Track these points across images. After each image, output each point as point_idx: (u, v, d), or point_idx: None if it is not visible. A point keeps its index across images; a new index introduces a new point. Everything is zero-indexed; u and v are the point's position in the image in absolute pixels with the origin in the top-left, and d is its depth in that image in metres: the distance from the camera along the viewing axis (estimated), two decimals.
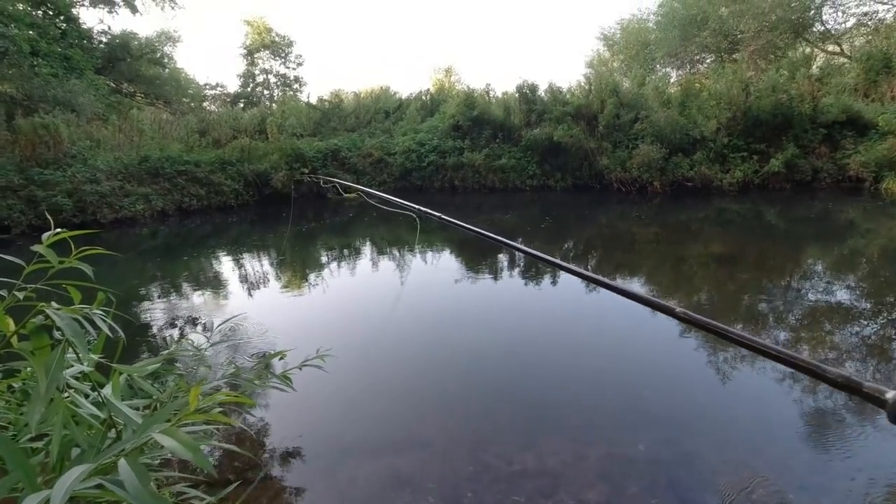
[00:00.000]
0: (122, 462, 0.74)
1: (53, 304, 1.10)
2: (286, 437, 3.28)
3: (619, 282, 7.32)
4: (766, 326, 5.16)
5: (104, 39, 22.49)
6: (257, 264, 9.18)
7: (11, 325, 1.16)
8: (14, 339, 1.23)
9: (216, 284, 7.82)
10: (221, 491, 1.91)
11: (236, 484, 2.57)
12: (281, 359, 1.88)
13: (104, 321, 1.20)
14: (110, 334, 1.19)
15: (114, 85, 22.59)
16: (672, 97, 16.65)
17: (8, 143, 13.18)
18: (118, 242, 11.64)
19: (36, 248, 1.35)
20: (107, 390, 1.30)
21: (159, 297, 7.30)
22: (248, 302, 6.76)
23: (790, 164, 14.37)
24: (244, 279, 8.12)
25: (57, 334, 1.19)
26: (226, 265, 9.32)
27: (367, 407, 3.60)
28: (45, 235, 1.38)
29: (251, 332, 5.52)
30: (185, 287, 7.70)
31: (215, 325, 1.88)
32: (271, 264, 9.22)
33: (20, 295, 1.19)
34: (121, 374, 1.33)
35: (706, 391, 3.73)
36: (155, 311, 6.65)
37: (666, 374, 3.97)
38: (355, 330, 5.33)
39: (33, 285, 1.33)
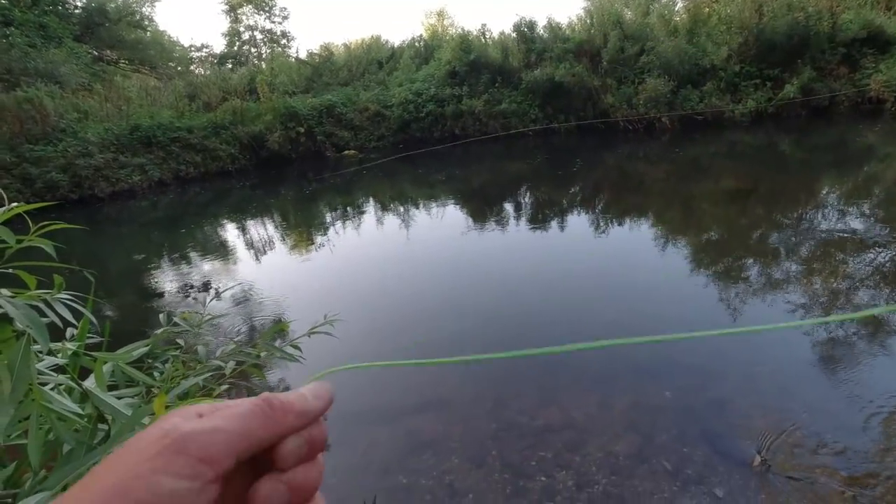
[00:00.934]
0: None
1: (4, 290, 0.92)
2: None
3: (625, 223, 7.15)
4: (778, 260, 4.98)
5: (80, 4, 21.48)
6: (261, 229, 9.03)
7: None
8: None
9: (221, 252, 7.71)
10: None
11: None
12: (282, 331, 1.73)
13: (66, 306, 1.03)
14: (66, 321, 1.03)
15: (95, 53, 21.75)
16: (679, 25, 15.73)
17: None
18: (119, 216, 11.50)
19: None
20: (90, 381, 1.16)
21: (164, 269, 7.22)
22: (253, 268, 6.66)
23: (806, 88, 13.68)
24: (249, 245, 8.00)
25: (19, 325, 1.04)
26: (230, 232, 9.19)
27: (381, 370, 3.53)
28: None
29: (257, 299, 5.44)
30: (190, 257, 7.60)
31: (207, 300, 1.72)
32: (275, 228, 9.07)
33: None
34: (105, 362, 1.19)
35: (729, 337, 3.60)
36: (160, 285, 6.58)
37: (687, 319, 3.84)
38: (363, 290, 5.22)
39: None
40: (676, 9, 17.35)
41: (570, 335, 3.75)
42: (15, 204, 1.24)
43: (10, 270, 1.13)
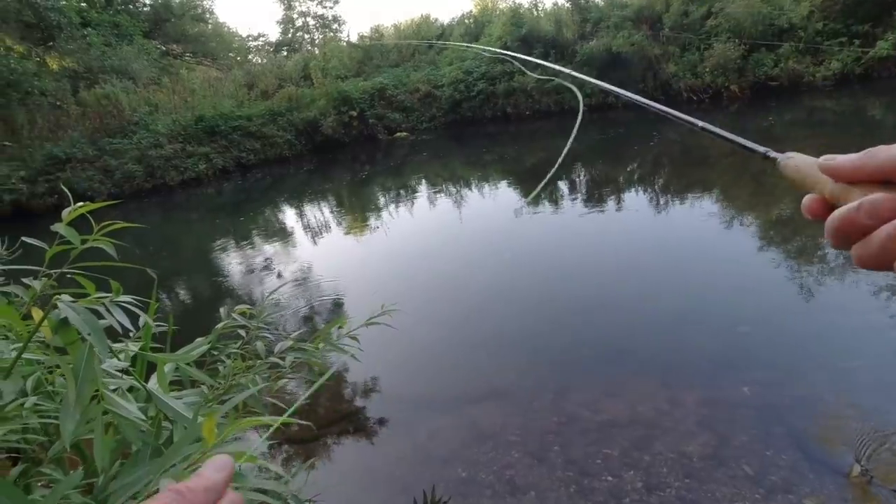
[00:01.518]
0: None
1: (65, 296, 0.92)
2: (360, 395, 3.26)
3: (689, 201, 6.68)
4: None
5: (148, 1, 22.58)
6: (318, 214, 9.24)
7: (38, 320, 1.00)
8: (48, 333, 1.08)
9: (280, 237, 7.96)
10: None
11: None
12: (340, 327, 1.70)
13: (125, 308, 1.02)
14: (120, 325, 1.01)
15: (163, 47, 22.89)
16: None
17: (78, 117, 13.82)
18: (188, 203, 12.15)
19: (56, 227, 1.17)
20: (153, 382, 1.16)
21: (230, 254, 7.55)
22: (311, 252, 6.83)
23: None
24: (306, 230, 8.20)
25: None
26: (288, 217, 9.47)
27: (440, 358, 3.50)
28: (65, 212, 1.20)
29: (315, 284, 5.56)
30: (253, 242, 7.90)
31: (265, 296, 1.72)
32: (331, 213, 9.25)
33: (37, 285, 1.02)
34: (166, 362, 1.19)
35: (814, 323, 3.27)
36: (227, 269, 6.88)
37: (764, 305, 3.52)
38: (421, 277, 5.20)
39: (59, 270, 1.17)
40: None
41: (638, 321, 3.56)
42: (80, 203, 1.25)
43: (71, 273, 1.14)
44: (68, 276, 1.14)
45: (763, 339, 3.10)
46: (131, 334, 1.43)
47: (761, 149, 0.55)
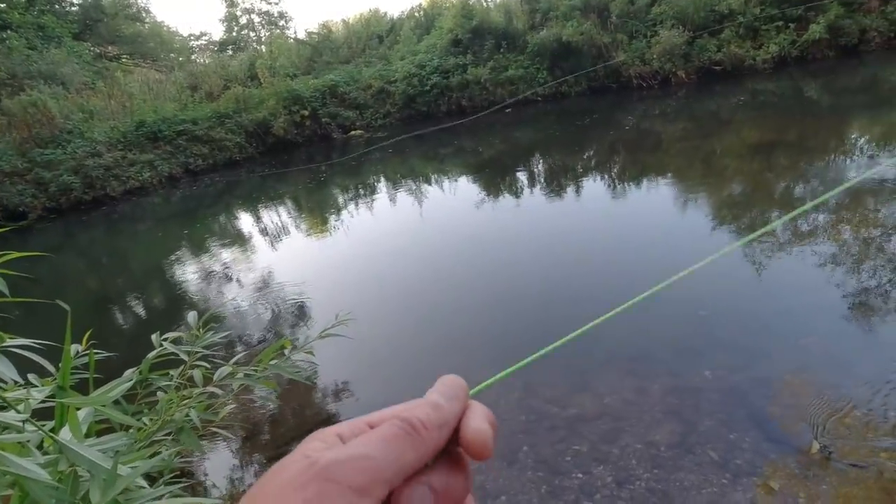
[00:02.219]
0: None
1: None
2: (322, 408, 3.13)
3: (643, 186, 6.83)
4: (803, 211, 4.67)
5: (76, 1, 21.27)
6: (273, 218, 8.94)
7: None
8: None
9: (239, 244, 7.64)
10: None
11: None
12: (283, 347, 1.57)
13: (3, 358, 0.88)
14: (8, 377, 0.88)
15: (96, 50, 21.63)
16: None
17: (3, 127, 12.87)
18: (134, 213, 11.53)
19: None
20: (65, 433, 1.02)
21: (184, 266, 7.19)
22: (273, 259, 6.58)
23: (834, 27, 12.81)
24: (261, 235, 7.91)
25: None
26: (242, 223, 9.12)
27: (396, 362, 3.40)
28: None
29: (278, 293, 5.35)
30: (210, 251, 7.56)
31: (197, 321, 1.57)
32: (287, 216, 8.96)
33: None
34: (79, 407, 1.05)
35: (771, 306, 3.35)
36: (182, 284, 6.55)
37: (723, 289, 3.58)
38: (382, 278, 5.08)
39: None
40: None
41: (597, 308, 3.56)
42: None
43: None
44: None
45: (721, 321, 3.16)
46: (45, 375, 1.27)
47: None
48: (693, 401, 2.45)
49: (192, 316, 1.60)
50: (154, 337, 1.55)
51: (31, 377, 1.26)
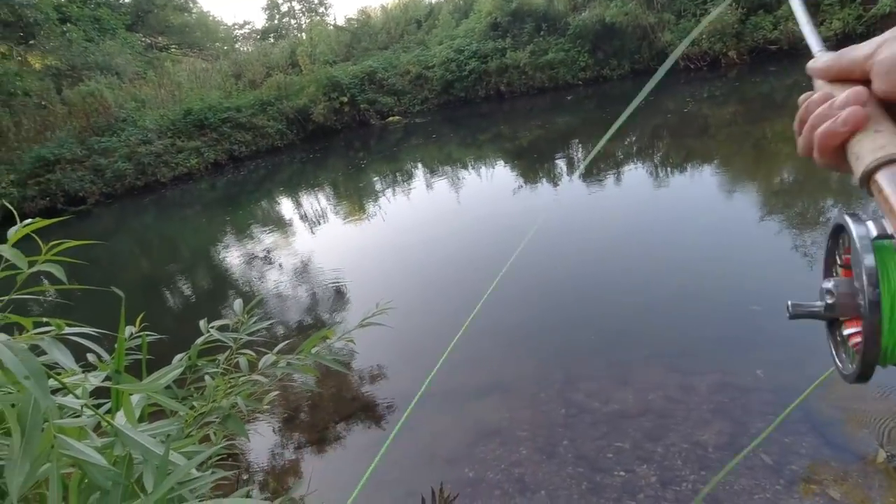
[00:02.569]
0: None
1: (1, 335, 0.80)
2: (362, 393, 3.17)
3: (691, 173, 6.53)
4: (862, 201, 4.35)
5: None
6: (313, 204, 9.10)
7: None
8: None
9: (280, 229, 7.83)
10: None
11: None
12: (326, 338, 1.58)
13: (60, 345, 0.90)
14: (66, 365, 0.90)
15: (147, 40, 22.44)
16: None
17: (64, 116, 13.58)
18: (182, 199, 11.99)
19: (0, 250, 1.05)
20: (120, 417, 1.05)
21: (228, 250, 7.43)
22: (313, 244, 6.71)
23: None
24: (306, 220, 8.07)
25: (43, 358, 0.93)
26: (284, 209, 9.33)
27: (431, 351, 3.40)
28: (10, 231, 1.07)
29: (318, 278, 5.46)
30: (253, 236, 7.78)
31: (242, 308, 1.59)
32: (326, 202, 9.10)
33: None
34: (132, 393, 1.07)
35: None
36: (227, 268, 6.78)
37: (776, 282, 3.39)
38: (421, 266, 5.08)
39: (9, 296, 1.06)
40: None
41: (645, 303, 3.45)
42: (29, 221, 1.12)
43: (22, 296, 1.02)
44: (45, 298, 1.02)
45: (775, 316, 2.99)
46: (102, 359, 1.32)
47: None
48: (743, 400, 2.34)
49: (237, 304, 1.63)
50: (202, 323, 1.59)
51: (90, 357, 1.32)
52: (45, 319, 1.03)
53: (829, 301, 0.35)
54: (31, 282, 1.08)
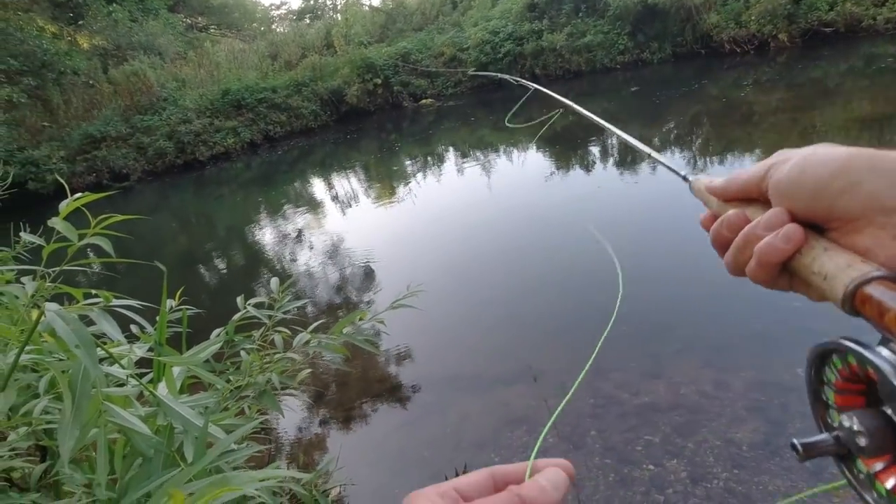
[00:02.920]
0: None
1: (52, 304, 0.83)
2: (391, 373, 3.21)
3: (731, 161, 6.27)
4: None
5: None
6: (345, 186, 9.18)
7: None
8: (49, 337, 1.01)
9: (313, 210, 7.95)
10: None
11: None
12: (361, 319, 1.60)
13: (108, 317, 0.93)
14: (113, 336, 0.92)
15: (188, 21, 22.88)
16: None
17: (110, 95, 14.04)
18: (219, 177, 12.29)
19: (52, 223, 1.09)
20: (162, 388, 1.08)
21: (262, 229, 7.60)
22: (339, 226, 6.80)
23: None
24: (333, 203, 8.17)
25: (93, 328, 0.96)
26: (316, 190, 9.46)
27: (470, 337, 3.41)
28: (62, 205, 1.11)
29: (349, 260, 5.53)
30: (286, 215, 7.93)
31: (278, 288, 1.62)
32: (358, 185, 9.17)
33: (30, 288, 0.94)
34: (173, 366, 1.11)
35: None
36: (260, 246, 6.94)
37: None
38: (453, 252, 5.08)
39: (55, 269, 1.10)
40: None
41: (680, 294, 3.37)
42: (78, 195, 1.16)
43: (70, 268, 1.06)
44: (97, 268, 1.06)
45: (818, 313, 2.86)
46: (145, 330, 1.37)
47: (682, 171, 0.58)
48: (781, 399, 2.26)
49: (273, 282, 1.67)
50: (239, 300, 1.64)
51: (132, 328, 1.37)
52: (94, 292, 1.07)
53: (863, 443, 0.31)
54: (78, 254, 1.12)
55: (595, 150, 8.21)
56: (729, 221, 0.43)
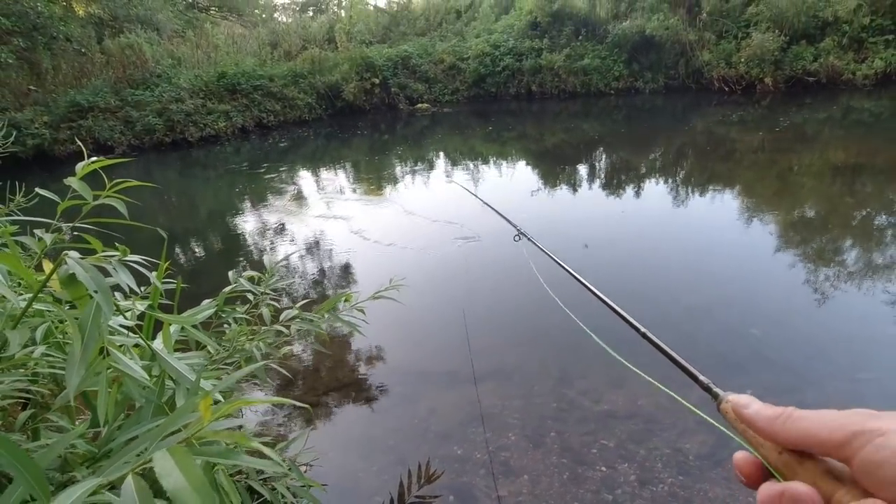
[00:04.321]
0: (126, 482, 0.55)
1: (73, 253, 0.91)
2: (364, 363, 3.29)
3: (709, 194, 6.54)
4: (882, 246, 4.36)
5: None
6: (335, 180, 9.22)
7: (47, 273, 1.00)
8: (57, 286, 1.08)
9: (298, 201, 7.97)
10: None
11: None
12: (346, 300, 1.69)
13: (128, 267, 1.01)
14: (128, 287, 1.00)
15: (189, 0, 22.62)
16: None
17: (102, 66, 13.81)
18: (206, 160, 12.19)
19: (69, 181, 1.17)
20: (158, 343, 1.16)
21: (246, 214, 7.59)
22: (324, 219, 6.84)
23: None
24: (323, 195, 8.20)
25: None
26: (305, 180, 9.47)
27: (444, 334, 3.51)
28: (78, 166, 1.19)
29: (329, 253, 5.58)
30: (270, 204, 7.93)
31: (273, 262, 1.71)
32: (347, 180, 9.23)
33: (48, 238, 1.02)
34: (171, 324, 1.19)
35: (828, 330, 3.22)
36: (241, 229, 6.94)
37: (777, 308, 3.46)
38: (433, 252, 5.19)
39: (70, 224, 1.18)
40: None
41: (648, 312, 3.52)
42: (94, 158, 1.24)
43: (83, 227, 1.13)
44: (76, 232, 1.13)
45: (774, 342, 3.06)
46: (142, 290, 1.44)
47: (704, 379, 0.52)
48: None
49: (267, 259, 1.75)
50: (231, 274, 1.71)
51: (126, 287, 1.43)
52: (110, 252, 1.14)
53: None
54: (90, 214, 1.19)
55: (582, 168, 8.43)
56: (794, 500, 0.33)
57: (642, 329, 0.76)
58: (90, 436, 1.25)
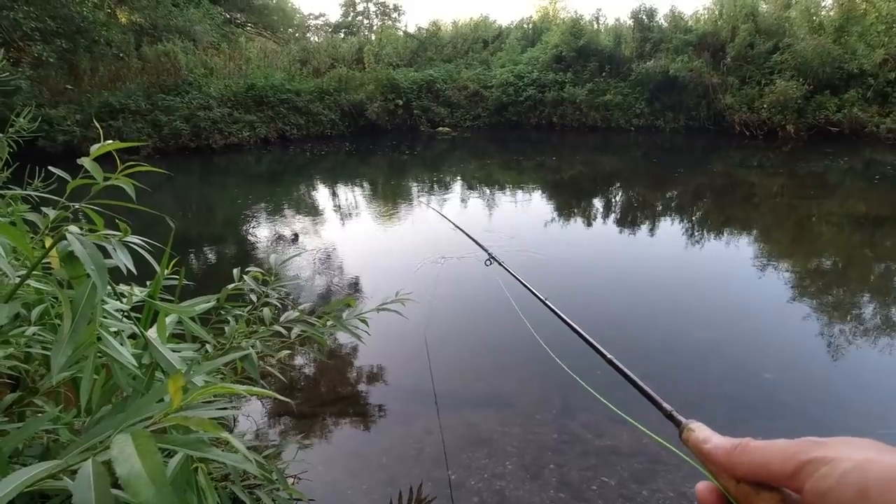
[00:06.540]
0: (84, 467, 0.52)
1: (73, 227, 0.89)
2: (363, 379, 3.23)
3: (725, 237, 6.44)
4: None
5: None
6: (350, 195, 9.30)
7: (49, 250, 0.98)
8: (56, 264, 1.06)
9: (310, 212, 8.03)
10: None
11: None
12: (348, 306, 1.66)
13: (129, 250, 0.99)
14: (125, 267, 0.98)
15: (227, 15, 23.43)
16: (826, 22, 13.87)
17: (138, 71, 14.26)
18: (228, 167, 12.40)
19: (82, 161, 1.16)
20: (152, 332, 1.13)
21: (259, 220, 7.66)
22: (336, 230, 6.86)
23: None
24: (335, 209, 8.26)
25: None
26: (321, 193, 9.56)
27: (447, 356, 3.43)
28: (93, 148, 1.18)
29: (334, 261, 5.58)
30: (285, 214, 8.00)
31: (274, 262, 1.68)
32: (363, 196, 9.30)
33: (52, 214, 1.00)
34: (168, 313, 1.16)
35: (843, 381, 3.09)
36: (253, 234, 6.98)
37: (793, 355, 3.34)
38: (440, 274, 5.15)
39: (77, 204, 1.16)
40: (824, 3, 15.22)
41: (658, 350, 3.43)
42: (109, 141, 1.23)
43: (89, 207, 1.12)
44: (82, 211, 1.12)
45: (787, 388, 2.94)
46: (145, 285, 1.42)
47: (667, 406, 0.53)
48: None
49: (272, 258, 1.73)
50: (235, 271, 1.69)
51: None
52: (112, 232, 1.13)
53: None
54: (99, 196, 1.18)
55: (597, 202, 8.39)
56: None
57: (608, 355, 0.76)
58: (77, 426, 1.22)
